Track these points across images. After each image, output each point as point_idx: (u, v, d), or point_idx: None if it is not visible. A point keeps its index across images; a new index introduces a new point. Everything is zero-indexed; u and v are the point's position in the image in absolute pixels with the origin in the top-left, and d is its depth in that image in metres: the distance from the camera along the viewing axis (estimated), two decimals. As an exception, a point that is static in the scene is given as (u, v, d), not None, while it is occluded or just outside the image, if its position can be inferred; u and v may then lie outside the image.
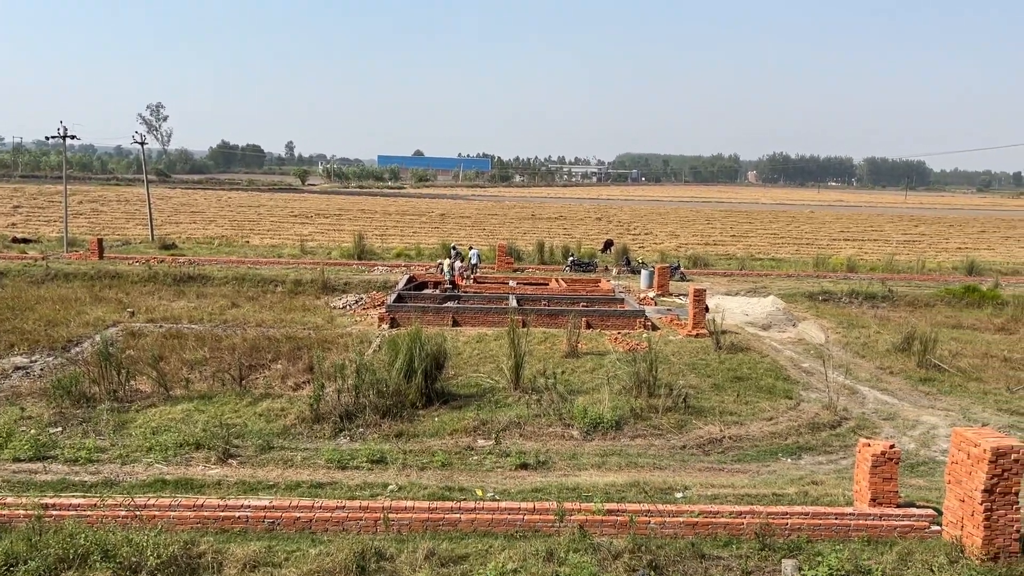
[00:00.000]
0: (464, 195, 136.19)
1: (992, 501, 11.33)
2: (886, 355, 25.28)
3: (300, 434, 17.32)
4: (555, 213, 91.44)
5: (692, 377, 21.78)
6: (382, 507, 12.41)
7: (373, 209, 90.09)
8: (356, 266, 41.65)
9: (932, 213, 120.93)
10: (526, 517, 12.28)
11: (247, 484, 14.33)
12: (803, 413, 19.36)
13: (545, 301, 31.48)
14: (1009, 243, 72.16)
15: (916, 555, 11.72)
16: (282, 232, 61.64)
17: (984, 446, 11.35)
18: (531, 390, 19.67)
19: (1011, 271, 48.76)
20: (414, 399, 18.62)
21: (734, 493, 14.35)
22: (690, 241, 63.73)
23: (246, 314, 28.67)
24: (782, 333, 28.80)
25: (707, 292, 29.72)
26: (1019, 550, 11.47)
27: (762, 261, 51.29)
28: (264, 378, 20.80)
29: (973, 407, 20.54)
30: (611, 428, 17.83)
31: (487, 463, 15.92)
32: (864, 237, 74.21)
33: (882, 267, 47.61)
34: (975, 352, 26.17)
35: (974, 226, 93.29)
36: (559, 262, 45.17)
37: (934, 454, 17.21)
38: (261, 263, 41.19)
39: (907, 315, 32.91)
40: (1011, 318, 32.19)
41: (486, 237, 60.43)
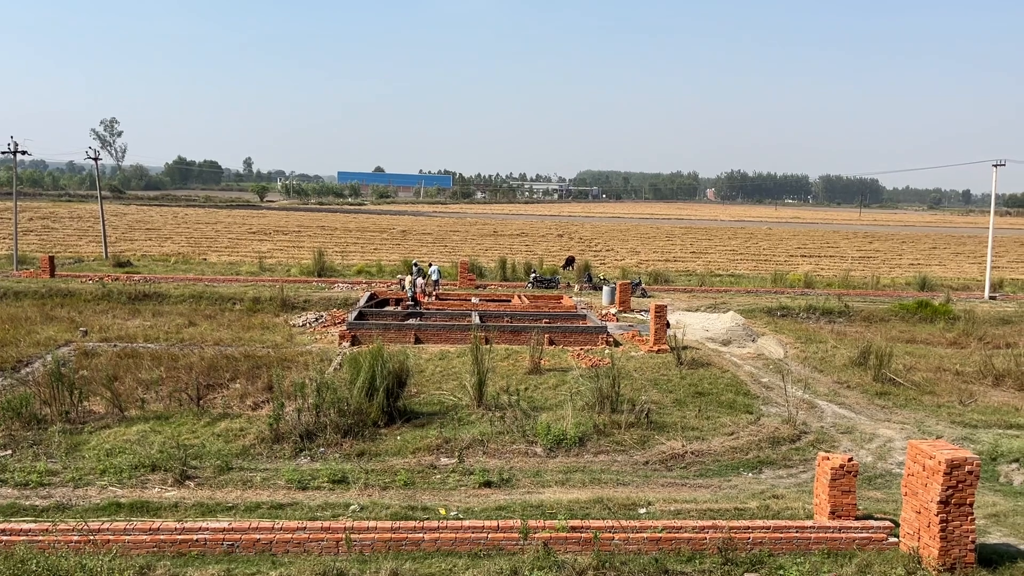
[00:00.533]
0: (426, 212, 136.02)
1: (948, 512, 11.54)
2: (843, 369, 25.71)
3: (260, 454, 17.03)
4: (517, 230, 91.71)
5: (654, 393, 21.90)
6: (344, 528, 12.23)
7: (333, 226, 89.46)
8: (316, 283, 41.26)
9: (885, 230, 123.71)
10: (490, 536, 12.20)
11: (205, 506, 14.05)
12: (763, 428, 19.56)
13: (508, 318, 31.48)
14: (959, 259, 74.04)
15: (875, 567, 11.88)
16: (240, 249, 60.88)
17: (939, 458, 11.57)
18: (494, 407, 19.62)
19: (961, 286, 50.02)
20: (376, 417, 18.44)
21: (697, 508, 14.43)
22: (651, 257, 64.34)
23: (203, 332, 28.20)
24: (742, 348, 29.14)
25: (668, 308, 29.99)
26: (974, 561, 11.68)
27: (722, 277, 51.95)
28: (222, 397, 20.45)
29: (927, 420, 20.95)
30: (574, 444, 17.84)
31: (450, 481, 15.81)
32: (820, 253, 75.59)
33: (838, 283, 48.50)
34: (928, 366, 26.74)
35: (925, 243, 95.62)
36: (521, 279, 45.26)
37: (891, 467, 17.50)
38: (219, 280, 40.60)
39: (863, 330, 33.54)
40: (962, 332, 32.98)
41: (448, 254, 60.35)
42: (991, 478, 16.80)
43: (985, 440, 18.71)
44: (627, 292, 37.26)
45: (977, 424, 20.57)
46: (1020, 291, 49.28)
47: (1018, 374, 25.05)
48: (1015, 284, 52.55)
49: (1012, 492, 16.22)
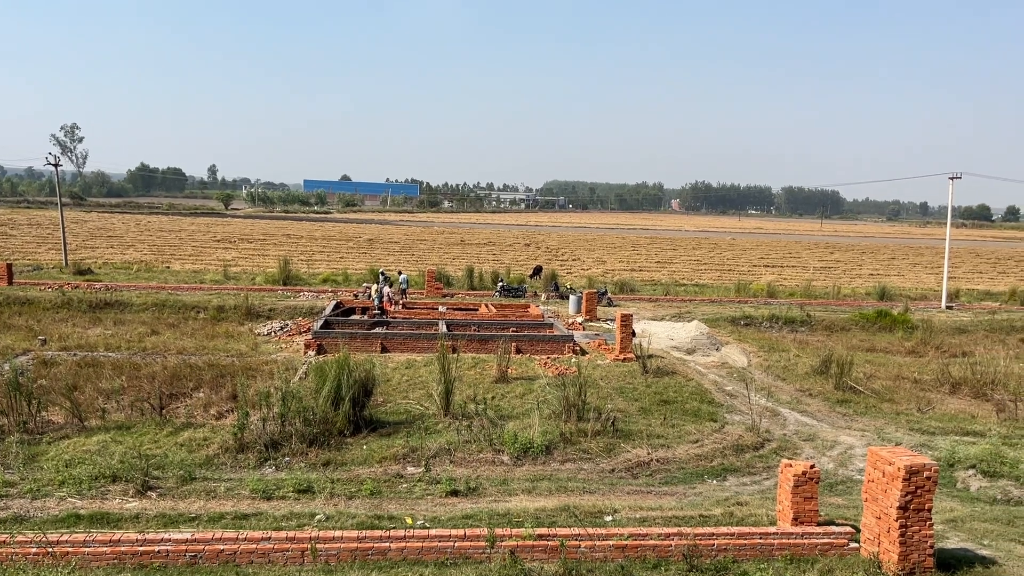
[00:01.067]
0: (392, 220, 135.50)
1: (907, 518, 11.77)
2: (805, 378, 26.10)
3: (224, 464, 16.84)
4: (484, 239, 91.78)
5: (620, 401, 22.05)
6: (309, 537, 12.13)
7: (299, 234, 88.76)
8: (281, 292, 40.89)
9: (846, 241, 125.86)
10: (457, 544, 12.19)
11: (167, 517, 13.85)
12: (727, 435, 19.79)
13: (475, 327, 31.47)
14: (917, 270, 75.59)
15: (836, 572, 12.07)
16: (204, 257, 60.14)
17: (898, 464, 11.81)
18: (461, 416, 19.61)
19: (919, 296, 51.06)
20: (342, 427, 18.33)
21: (662, 515, 14.54)
22: (617, 267, 64.77)
23: (166, 341, 27.80)
24: (706, 357, 29.45)
25: (634, 317, 30.21)
26: (933, 565, 11.92)
27: (686, 287, 52.45)
28: (186, 407, 20.17)
29: (887, 427, 21.34)
30: (541, 453, 17.89)
31: (417, 490, 15.77)
32: (783, 263, 76.69)
33: (800, 292, 49.25)
34: (888, 374, 27.26)
35: (885, 253, 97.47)
36: (489, 287, 45.29)
37: (851, 473, 17.80)
38: (182, 289, 40.06)
39: (824, 339, 34.09)
40: (920, 341, 33.67)
41: (415, 262, 60.20)
42: (948, 484, 17.17)
43: (942, 447, 19.11)
44: (593, 301, 37.47)
45: (935, 431, 21.01)
46: (976, 301, 50.47)
47: (974, 382, 25.64)
48: (971, 294, 53.81)
49: (969, 498, 16.59)
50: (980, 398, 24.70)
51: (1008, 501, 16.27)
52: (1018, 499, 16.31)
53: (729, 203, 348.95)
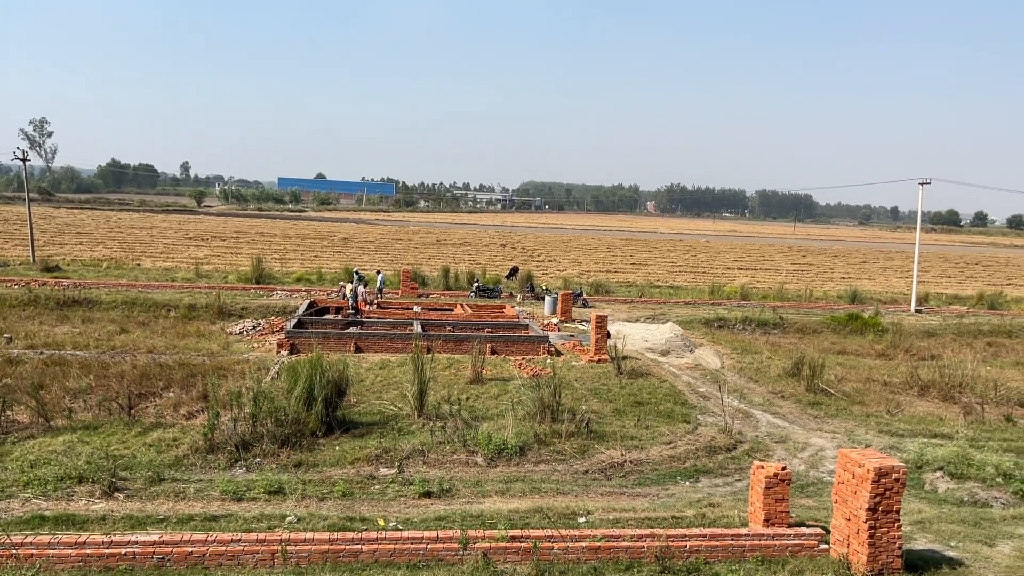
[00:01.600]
0: (368, 219, 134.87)
1: (876, 519, 11.89)
2: (777, 380, 26.32)
3: (193, 465, 16.62)
4: (460, 239, 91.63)
5: (594, 402, 22.08)
6: (280, 539, 12.01)
7: (273, 232, 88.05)
8: (254, 291, 40.52)
9: (818, 244, 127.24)
10: (429, 546, 12.12)
11: (135, 519, 13.64)
12: (700, 437, 19.88)
13: (450, 327, 31.40)
14: (888, 273, 76.60)
15: (807, 573, 12.17)
16: (176, 255, 59.45)
17: (868, 466, 11.92)
18: (435, 417, 19.53)
19: (890, 300, 51.74)
20: (314, 427, 18.18)
21: (635, 517, 14.58)
22: (592, 268, 64.94)
23: (136, 340, 27.42)
24: (680, 359, 29.61)
25: (608, 318, 30.30)
26: (901, 566, 12.06)
27: (661, 289, 52.72)
28: (155, 407, 19.90)
29: (857, 429, 21.57)
30: (515, 454, 17.86)
31: (390, 492, 15.67)
32: (756, 266, 77.34)
33: (773, 295, 49.70)
34: (858, 377, 27.56)
35: (856, 257, 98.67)
36: (464, 288, 45.22)
37: (822, 475, 17.95)
38: (153, 287, 39.56)
39: (796, 341, 34.41)
40: (890, 344, 34.10)
41: (390, 262, 59.95)
42: (917, 486, 17.37)
43: (911, 449, 19.34)
44: (569, 302, 37.54)
45: (904, 433, 21.27)
46: (944, 305, 51.24)
47: (942, 385, 26.00)
48: (940, 298, 54.62)
49: (936, 499, 16.80)
50: (948, 401, 25.04)
51: (975, 503, 16.49)
52: (985, 501, 16.54)
53: (704, 206, 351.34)
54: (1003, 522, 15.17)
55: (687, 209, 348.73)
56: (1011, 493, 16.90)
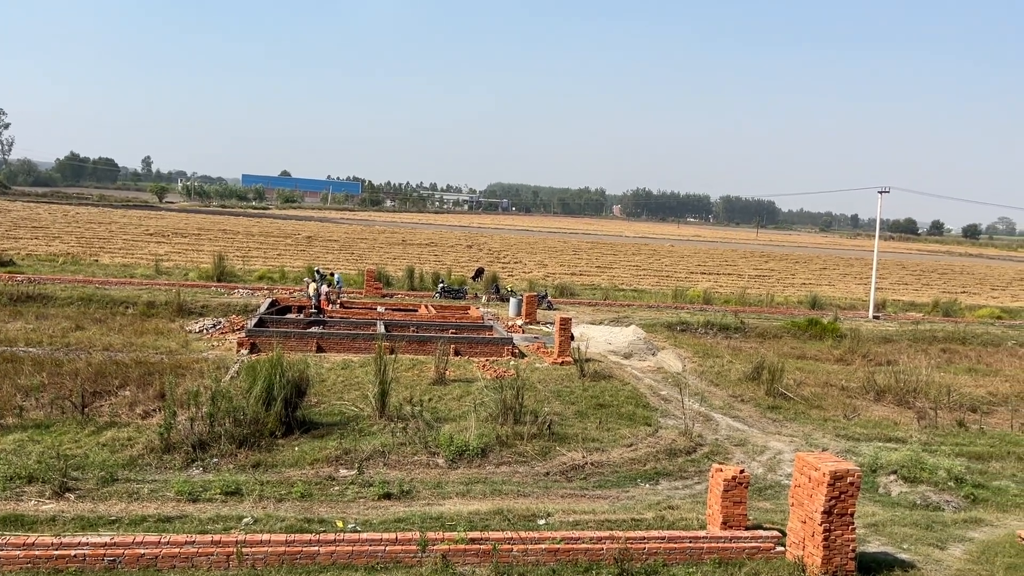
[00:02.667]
0: (333, 218, 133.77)
1: (831, 522, 12.06)
2: (738, 383, 26.60)
3: (148, 465, 16.32)
4: (426, 239, 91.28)
5: (557, 404, 22.12)
6: (235, 541, 11.83)
7: (235, 229, 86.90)
8: (215, 288, 39.94)
9: (780, 250, 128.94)
10: (388, 548, 12.04)
11: (86, 519, 13.35)
12: (661, 439, 20.02)
13: (414, 327, 31.24)
14: (847, 280, 77.85)
15: (762, 575, 12.30)
16: (136, 251, 58.39)
17: (824, 470, 12.09)
18: (397, 418, 19.41)
19: (848, 306, 52.59)
20: (273, 428, 17.96)
21: (595, 519, 14.62)
22: (558, 271, 65.09)
23: (92, 337, 26.86)
24: (643, 361, 29.79)
25: (573, 321, 30.38)
26: (855, 568, 12.24)
27: (625, 292, 53.02)
28: (110, 405, 19.50)
29: (815, 433, 21.88)
30: (477, 456, 17.81)
31: (349, 493, 15.54)
32: (719, 271, 78.15)
33: (735, 300, 50.22)
34: (817, 381, 27.97)
35: (817, 263, 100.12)
36: (429, 288, 45.04)
37: (780, 478, 18.18)
38: (111, 283, 38.80)
39: (757, 346, 34.82)
40: (848, 350, 34.66)
41: (355, 261, 59.51)
42: (871, 489, 17.67)
43: (866, 452, 19.66)
44: (534, 304, 37.58)
45: (860, 437, 21.63)
46: (901, 311, 52.22)
47: (897, 390, 26.49)
48: (896, 305, 55.64)
49: (890, 502, 17.10)
50: (903, 405, 25.53)
51: (927, 506, 16.82)
52: (937, 504, 16.88)
53: (669, 210, 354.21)
54: (954, 525, 15.50)
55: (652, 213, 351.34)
56: (962, 497, 17.27)
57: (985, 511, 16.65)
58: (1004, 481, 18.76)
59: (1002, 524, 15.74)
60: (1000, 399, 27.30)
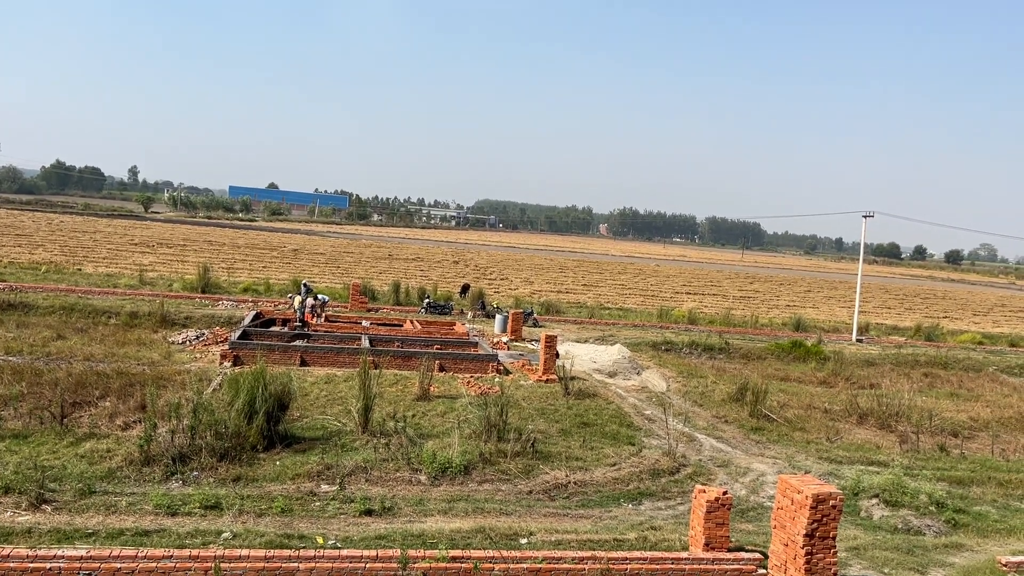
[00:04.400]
0: (319, 231, 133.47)
1: (813, 545, 12.05)
2: (722, 404, 26.64)
3: (127, 477, 16.12)
4: (412, 254, 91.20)
5: (541, 422, 22.07)
6: (214, 556, 11.68)
7: (221, 241, 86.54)
8: (199, 299, 39.69)
9: (765, 272, 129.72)
10: (368, 566, 11.92)
11: (62, 532, 13.16)
12: (644, 459, 19.99)
13: (399, 343, 31.14)
14: (831, 303, 78.34)
15: (744, 598, 12.26)
16: (120, 261, 58.00)
17: (806, 492, 12.10)
18: (380, 434, 19.29)
19: (832, 328, 52.88)
20: (255, 441, 17.81)
21: (577, 539, 14.55)
22: (544, 288, 65.16)
23: (73, 347, 26.60)
24: (627, 380, 29.80)
25: (558, 339, 30.38)
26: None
27: (611, 310, 53.10)
28: (90, 416, 19.29)
29: (797, 455, 21.92)
30: (459, 473, 17.72)
31: (330, 509, 15.40)
32: (704, 291, 78.46)
33: (720, 320, 50.40)
34: (800, 403, 28.06)
35: (801, 286, 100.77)
36: (415, 304, 44.95)
37: (762, 500, 18.18)
38: (94, 293, 38.48)
39: (741, 367, 34.92)
40: (832, 372, 34.82)
41: (341, 275, 59.34)
42: (853, 512, 17.69)
43: (849, 475, 19.72)
44: (519, 321, 37.57)
45: (842, 460, 21.69)
46: (884, 335, 52.55)
47: (880, 413, 26.60)
48: (880, 328, 56.00)
49: (872, 526, 17.13)
50: (885, 429, 25.63)
51: (908, 530, 16.86)
52: (918, 529, 16.92)
53: (655, 230, 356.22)
54: (935, 550, 15.54)
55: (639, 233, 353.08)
56: (943, 522, 17.32)
57: (966, 536, 16.72)
58: (984, 507, 18.85)
59: (982, 549, 15.80)
60: (981, 424, 27.46)
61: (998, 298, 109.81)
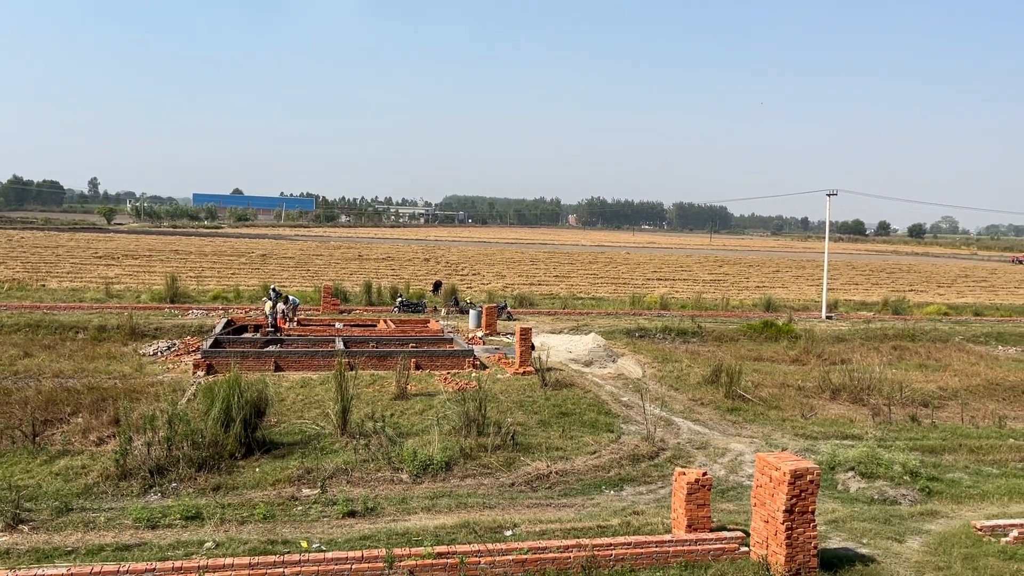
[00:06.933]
0: (287, 235, 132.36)
1: (792, 520, 12.25)
2: (697, 387, 26.91)
3: (104, 493, 15.92)
4: (383, 254, 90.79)
5: (520, 414, 22.14)
6: (197, 566, 11.60)
7: (188, 250, 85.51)
8: (169, 310, 39.23)
9: (734, 255, 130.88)
10: (354, 567, 11.91)
11: (41, 551, 12.98)
12: (624, 446, 20.15)
13: (373, 343, 31.03)
14: (799, 282, 79.29)
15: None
16: (85, 274, 57.09)
17: (784, 469, 12.29)
18: (359, 435, 19.23)
19: (802, 307, 53.54)
20: (233, 449, 17.67)
21: (561, 528, 14.64)
22: (516, 281, 65.22)
23: (41, 364, 26.18)
24: (603, 369, 29.97)
25: (533, 331, 30.46)
26: (817, 565, 12.45)
27: (583, 300, 53.29)
28: (62, 433, 19.00)
29: (774, 433, 22.22)
30: (441, 469, 17.73)
31: (313, 513, 15.34)
32: (675, 277, 79.02)
33: (691, 305, 50.81)
34: (774, 382, 28.41)
35: (770, 266, 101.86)
36: (388, 303, 44.78)
37: (741, 479, 18.41)
38: (59, 308, 37.87)
39: (714, 349, 35.26)
40: (803, 350, 35.29)
41: (311, 278, 58.92)
42: (830, 486, 17.98)
43: (824, 451, 20.02)
44: (493, 315, 37.60)
45: (817, 436, 22.01)
46: (852, 311, 53.35)
47: (852, 388, 27.03)
48: (848, 305, 56.84)
49: (848, 499, 17.43)
50: (858, 403, 26.05)
51: (884, 501, 17.18)
52: (893, 499, 17.24)
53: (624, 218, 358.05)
54: (911, 518, 15.86)
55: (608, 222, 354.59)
56: (917, 490, 17.67)
57: (940, 503, 17.08)
58: (957, 473, 19.26)
59: (957, 515, 16.15)
60: (950, 393, 28.02)
61: (961, 269, 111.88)
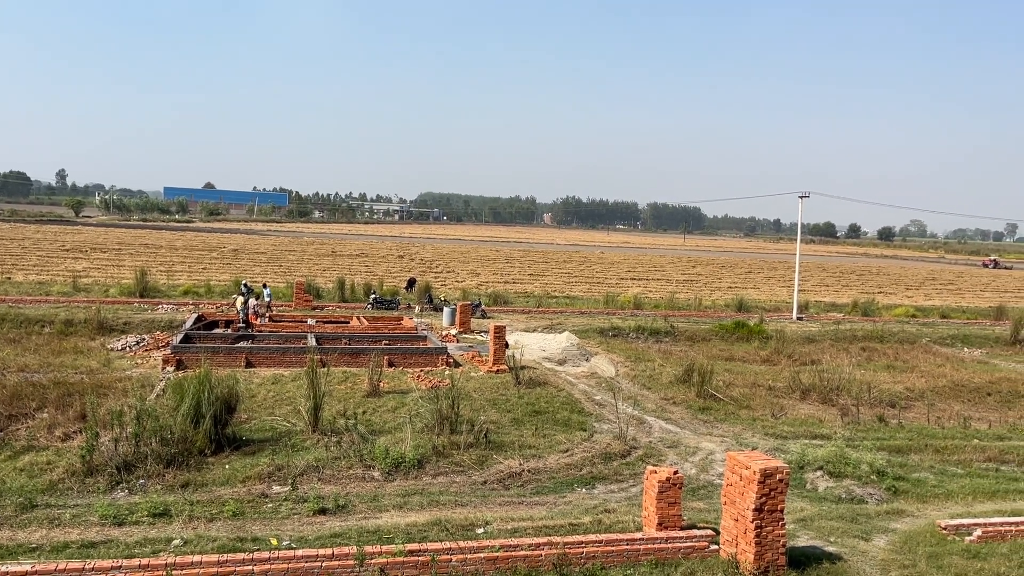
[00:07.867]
0: (259, 230, 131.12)
1: (762, 518, 12.37)
2: (669, 386, 27.08)
3: (70, 489, 15.70)
4: (356, 250, 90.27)
5: (493, 412, 22.13)
6: (165, 564, 11.46)
7: (158, 244, 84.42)
8: (138, 304, 38.71)
9: (707, 255, 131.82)
10: (324, 564, 11.84)
11: (5, 548, 12.75)
12: (596, 444, 20.22)
13: (346, 340, 30.85)
14: (771, 283, 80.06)
15: (698, 574, 12.54)
16: (51, 268, 56.14)
17: (754, 468, 12.40)
18: (331, 432, 19.12)
19: (773, 308, 54.06)
20: (203, 446, 17.49)
21: (533, 526, 14.66)
22: (491, 279, 65.18)
23: (5, 358, 25.71)
24: (576, 367, 30.05)
25: (507, 329, 30.46)
26: (785, 563, 12.58)
27: (558, 299, 53.39)
28: (27, 429, 18.70)
29: (744, 433, 22.42)
30: (413, 467, 17.68)
31: (283, 510, 15.23)
32: (648, 276, 79.42)
33: (664, 304, 51.10)
34: (745, 382, 28.68)
35: (742, 267, 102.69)
36: (361, 300, 44.54)
37: (712, 478, 18.56)
38: (25, 301, 37.22)
39: (687, 349, 35.50)
40: (774, 351, 35.65)
41: (283, 274, 58.45)
42: (799, 485, 18.19)
43: (794, 450, 20.24)
44: (467, 313, 37.54)
45: (787, 435, 22.25)
46: (823, 312, 53.95)
47: (821, 388, 27.36)
48: (818, 306, 57.46)
49: (817, 497, 17.63)
50: (827, 403, 26.37)
51: (851, 500, 17.41)
52: (860, 497, 17.48)
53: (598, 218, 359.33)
54: (877, 517, 16.08)
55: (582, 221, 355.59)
56: (884, 489, 17.92)
57: (906, 502, 17.34)
58: (923, 473, 19.56)
59: (922, 514, 16.41)
60: (916, 394, 28.46)
61: (928, 272, 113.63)
